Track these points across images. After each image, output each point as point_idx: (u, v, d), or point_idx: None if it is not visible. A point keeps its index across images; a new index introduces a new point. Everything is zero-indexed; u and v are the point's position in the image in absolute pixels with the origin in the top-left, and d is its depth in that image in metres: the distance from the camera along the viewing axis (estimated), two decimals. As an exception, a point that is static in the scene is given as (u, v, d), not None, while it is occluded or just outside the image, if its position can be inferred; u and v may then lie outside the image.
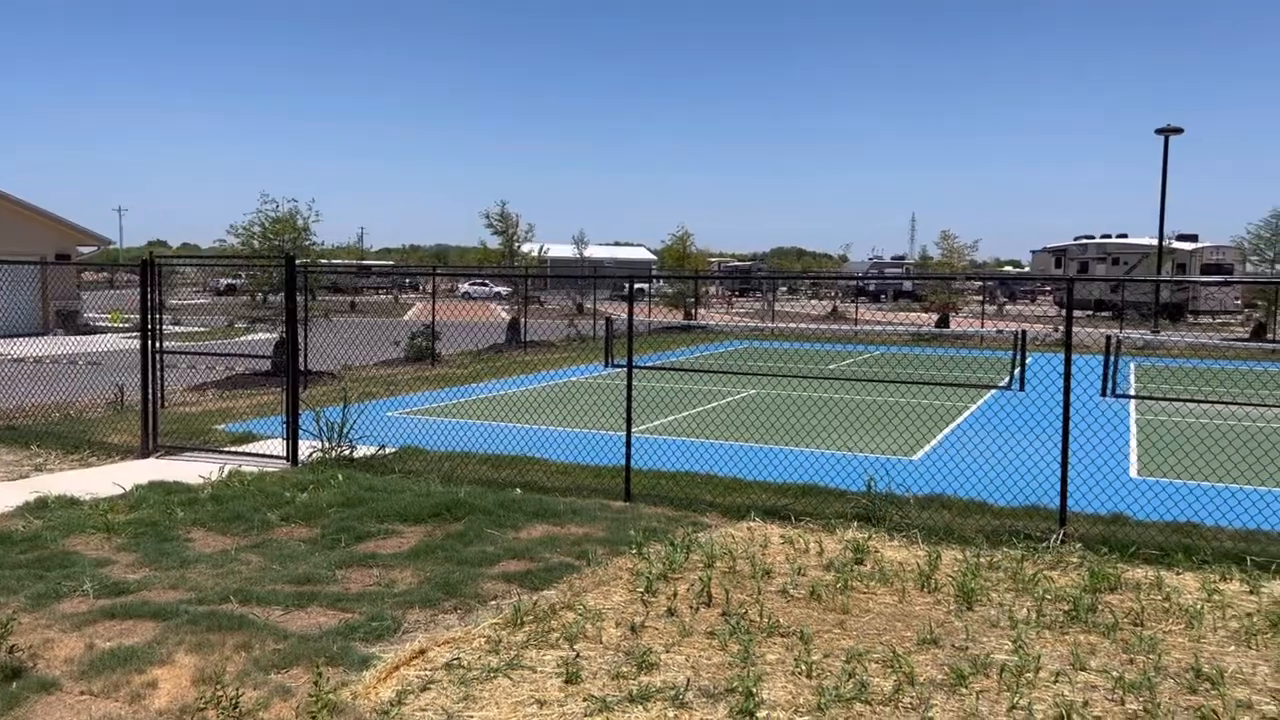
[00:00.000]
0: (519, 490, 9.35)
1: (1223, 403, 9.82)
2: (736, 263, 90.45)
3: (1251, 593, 6.64)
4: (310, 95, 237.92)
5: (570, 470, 10.40)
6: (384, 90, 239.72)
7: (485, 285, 59.85)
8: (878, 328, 35.61)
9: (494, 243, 29.73)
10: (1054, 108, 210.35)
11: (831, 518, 8.46)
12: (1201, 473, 10.69)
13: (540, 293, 50.74)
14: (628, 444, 9.38)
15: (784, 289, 75.61)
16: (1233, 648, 5.64)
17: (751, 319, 42.57)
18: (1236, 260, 50.39)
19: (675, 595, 6.39)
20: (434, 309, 22.64)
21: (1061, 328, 32.41)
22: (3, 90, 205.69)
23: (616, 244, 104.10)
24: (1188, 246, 48.42)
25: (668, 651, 5.45)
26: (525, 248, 30.19)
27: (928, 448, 12.43)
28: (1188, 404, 15.68)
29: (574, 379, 19.74)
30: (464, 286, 64.85)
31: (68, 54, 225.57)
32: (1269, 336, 32.80)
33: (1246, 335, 34.25)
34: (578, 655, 5.36)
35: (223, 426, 13.19)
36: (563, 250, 50.44)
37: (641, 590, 6.49)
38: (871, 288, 67.62)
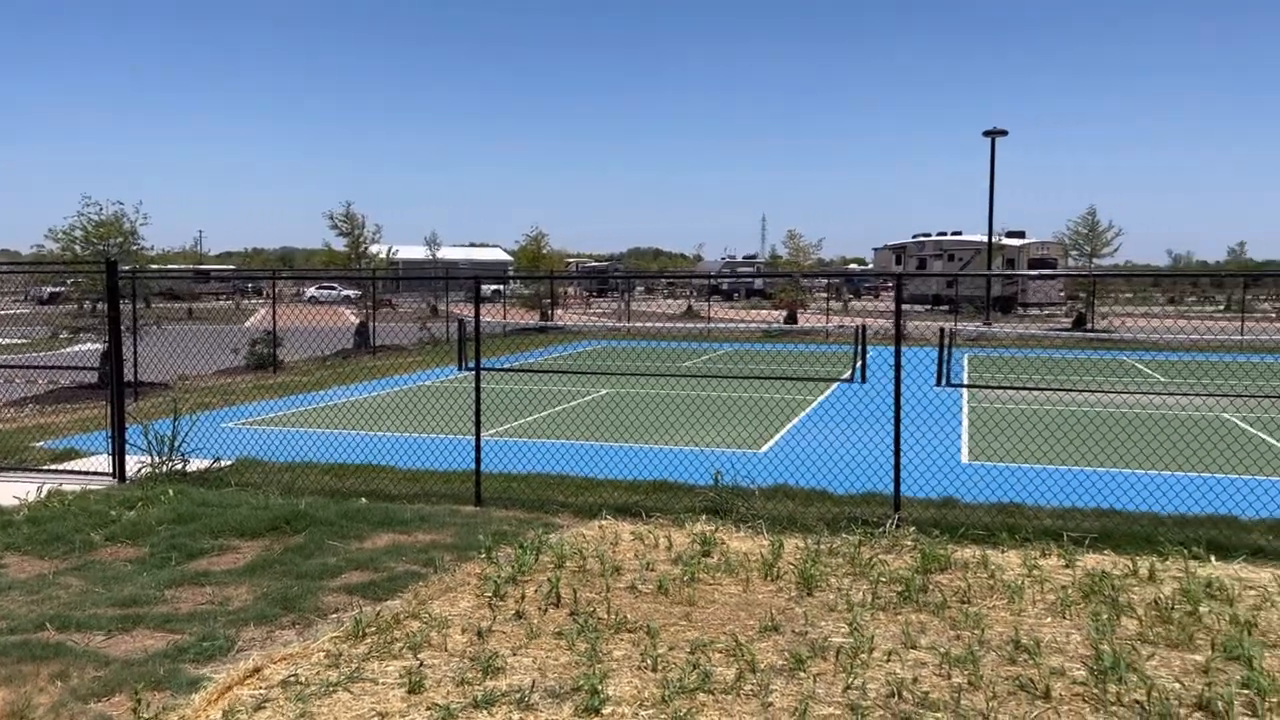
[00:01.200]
0: (364, 499, 9.11)
1: (1046, 389, 10.48)
2: (594, 263, 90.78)
3: (1067, 566, 7.09)
4: (140, 91, 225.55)
5: (419, 477, 10.19)
6: (223, 86, 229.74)
7: (334, 289, 58.10)
8: (730, 325, 36.38)
9: (339, 244, 28.87)
10: (895, 110, 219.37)
11: (681, 512, 8.57)
12: (1022, 455, 11.36)
13: (392, 295, 49.58)
14: (477, 448, 9.27)
15: (640, 289, 76.35)
16: (1049, 619, 6.01)
17: (609, 319, 42.80)
18: (1060, 255, 53.85)
19: (524, 598, 6.34)
20: (274, 314, 21.79)
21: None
22: None
23: (472, 245, 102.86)
24: (1016, 242, 51.40)
25: (514, 654, 5.41)
26: (373, 249, 29.42)
27: (774, 440, 12.77)
28: (1015, 391, 16.63)
29: (426, 383, 19.38)
30: (311, 290, 62.77)
31: None
32: (1088, 326, 35.16)
33: (1069, 325, 36.62)
34: (422, 664, 5.26)
35: (42, 444, 12.34)
36: (415, 251, 49.43)
37: (490, 595, 6.42)
38: (725, 286, 69.06)
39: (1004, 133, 36.69)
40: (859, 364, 10.47)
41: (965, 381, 19.17)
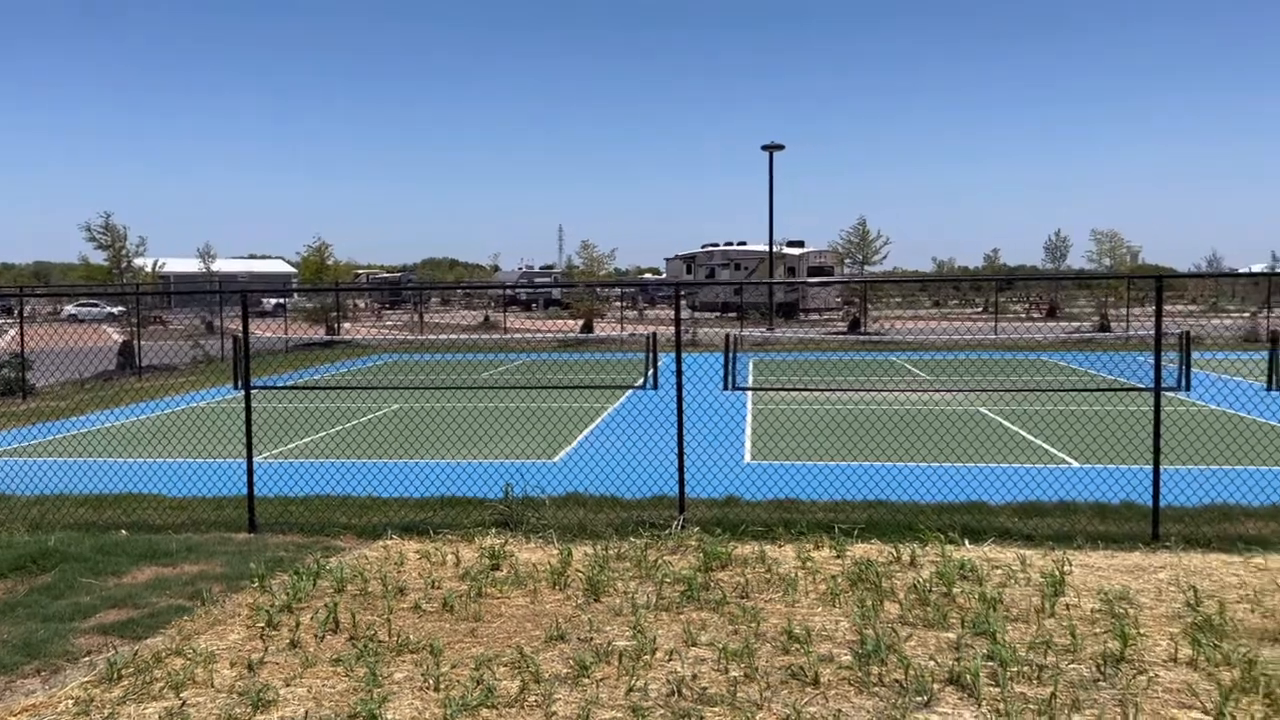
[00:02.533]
0: (125, 532, 8.46)
1: (823, 389, 11.03)
2: (386, 274, 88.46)
3: (838, 557, 7.48)
4: None
5: (188, 505, 9.56)
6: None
7: (96, 306, 53.74)
8: (527, 336, 36.30)
9: (99, 258, 26.72)
10: (686, 122, 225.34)
11: (471, 527, 8.45)
12: (800, 453, 11.92)
13: (163, 311, 46.36)
14: (249, 471, 8.79)
15: (436, 300, 74.91)
16: (820, 608, 6.32)
17: (402, 331, 41.72)
18: (835, 263, 57.11)
19: (299, 626, 6.06)
20: (22, 334, 19.92)
21: (689, 330, 34.69)
22: None
23: (252, 256, 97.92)
24: (796, 251, 54.09)
25: (288, 686, 5.15)
26: (138, 262, 27.40)
27: (568, 449, 12.82)
28: (795, 392, 17.46)
29: (198, 404, 18.22)
30: (70, 308, 57.83)
31: None
32: (862, 329, 37.39)
33: (845, 329, 38.82)
34: (185, 704, 4.92)
35: None
36: (187, 264, 46.45)
37: (262, 625, 6.09)
38: (523, 297, 68.94)
39: (780, 147, 38.50)
40: (650, 371, 10.69)
41: (750, 385, 19.95)
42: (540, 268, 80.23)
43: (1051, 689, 4.91)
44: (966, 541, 7.83)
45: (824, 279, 50.81)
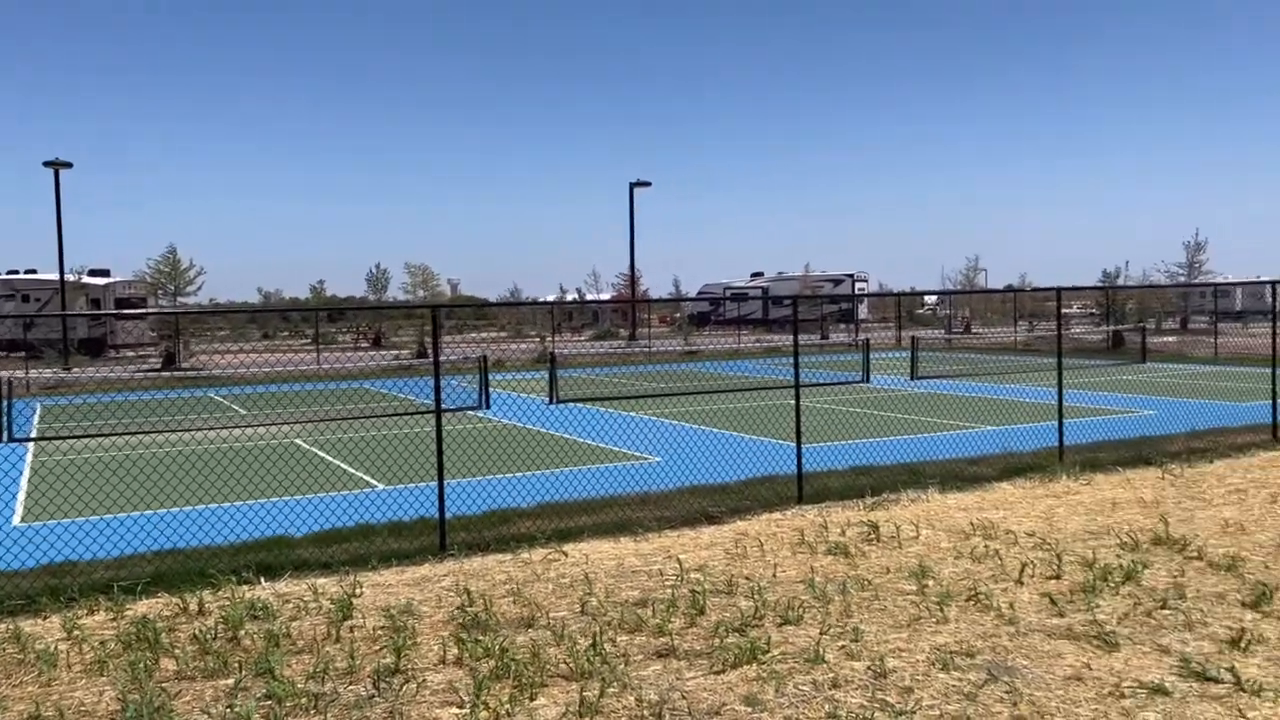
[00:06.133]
0: None
1: (120, 434, 9.96)
2: None
3: (115, 619, 6.75)
4: None
5: None
6: None
7: None
8: None
9: None
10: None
11: None
12: (87, 508, 10.63)
13: None
14: None
15: None
16: (85, 680, 5.62)
17: None
18: (149, 294, 52.83)
19: None
20: None
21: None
22: None
23: None
24: (101, 281, 48.74)
25: None
26: None
27: None
28: (88, 439, 15.54)
29: None
30: None
31: None
32: (177, 364, 34.96)
33: (160, 365, 35.91)
34: None
35: None
36: None
37: None
38: None
39: (68, 164, 34.40)
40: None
41: (31, 435, 17.31)
42: None
43: (324, 716, 4.96)
44: (263, 580, 7.64)
45: (136, 311, 46.65)
